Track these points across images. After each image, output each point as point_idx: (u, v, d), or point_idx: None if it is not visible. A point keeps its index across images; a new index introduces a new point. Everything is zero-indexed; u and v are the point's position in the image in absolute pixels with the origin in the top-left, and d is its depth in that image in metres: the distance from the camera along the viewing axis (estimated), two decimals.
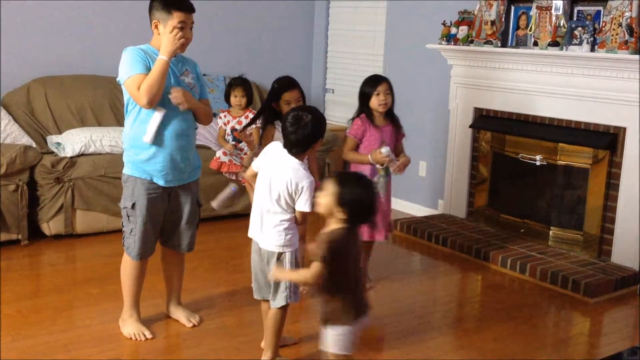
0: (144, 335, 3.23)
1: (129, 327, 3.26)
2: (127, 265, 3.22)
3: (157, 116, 3.04)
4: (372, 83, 3.75)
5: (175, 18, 3.00)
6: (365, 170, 3.66)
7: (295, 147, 2.79)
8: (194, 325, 3.39)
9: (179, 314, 3.44)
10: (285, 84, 3.63)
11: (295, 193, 2.77)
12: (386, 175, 3.77)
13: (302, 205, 2.77)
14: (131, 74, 2.99)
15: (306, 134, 2.76)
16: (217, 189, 5.01)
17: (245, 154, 5.00)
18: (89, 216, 4.64)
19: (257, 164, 2.90)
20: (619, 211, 4.21)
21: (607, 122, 4.23)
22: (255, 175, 2.93)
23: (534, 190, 4.71)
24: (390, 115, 3.79)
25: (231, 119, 5.12)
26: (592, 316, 3.78)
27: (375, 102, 3.70)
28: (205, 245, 4.45)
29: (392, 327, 3.64)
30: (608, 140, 4.20)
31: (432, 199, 5.43)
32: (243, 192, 3.43)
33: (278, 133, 3.59)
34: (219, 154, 4.98)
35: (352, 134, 3.75)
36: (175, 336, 3.32)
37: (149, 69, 2.99)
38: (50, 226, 4.54)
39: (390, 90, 3.74)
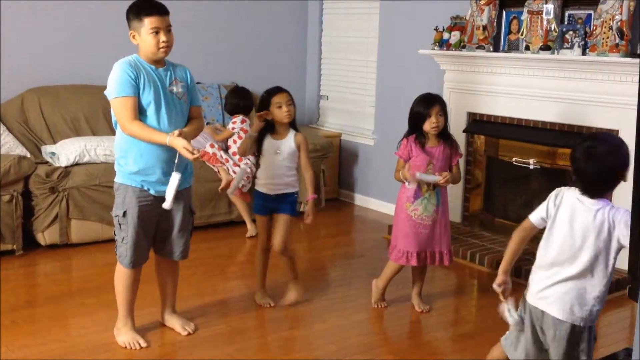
0: (139, 344, 3.23)
1: (124, 335, 3.25)
2: (121, 274, 3.22)
3: (174, 180, 3.01)
4: (425, 104, 3.58)
5: (148, 24, 3.00)
6: (410, 191, 3.61)
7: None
8: (189, 334, 3.38)
9: (174, 322, 3.43)
10: (273, 89, 3.64)
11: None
12: (436, 199, 3.63)
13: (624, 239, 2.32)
14: (119, 95, 3.01)
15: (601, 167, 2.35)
16: (211, 197, 5.07)
17: (233, 162, 5.11)
18: (84, 225, 4.64)
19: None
20: None
21: (599, 125, 4.24)
22: None
23: (528, 194, 4.72)
24: (442, 135, 3.62)
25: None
26: None
27: (427, 125, 3.55)
28: (200, 253, 4.45)
29: (388, 330, 3.65)
30: None
31: None
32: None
33: (270, 142, 3.60)
34: (207, 147, 5.13)
35: (398, 154, 3.67)
36: (170, 344, 3.31)
37: (137, 89, 3.02)
38: (45, 236, 4.54)
39: (442, 112, 3.58)
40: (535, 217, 2.56)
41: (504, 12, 4.75)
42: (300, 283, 3.84)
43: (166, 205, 3.03)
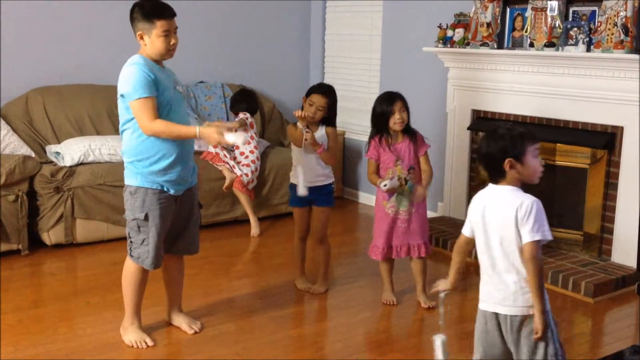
0: (146, 343, 3.23)
1: (131, 334, 3.26)
2: (130, 274, 3.22)
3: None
4: (387, 102, 3.68)
5: (159, 27, 3.01)
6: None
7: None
8: (195, 332, 3.39)
9: (180, 321, 3.44)
10: (317, 88, 3.82)
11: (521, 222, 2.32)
12: (410, 193, 3.72)
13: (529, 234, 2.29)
14: (141, 96, 2.98)
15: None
16: (215, 196, 5.07)
17: (235, 159, 5.12)
18: (89, 225, 4.65)
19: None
20: (618, 210, 4.21)
21: (604, 121, 4.23)
22: None
23: (533, 191, 4.69)
24: (406, 131, 3.73)
25: None
26: (593, 316, 3.78)
27: (391, 121, 3.65)
28: (205, 252, 4.44)
29: (394, 329, 3.65)
30: (606, 140, 4.21)
31: (431, 202, 5.43)
32: None
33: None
34: (210, 147, 5.15)
35: (369, 156, 3.75)
36: (176, 343, 3.32)
37: (155, 89, 3.01)
38: (51, 236, 4.54)
39: (405, 107, 3.68)
40: (465, 229, 2.52)
41: (508, 9, 4.73)
42: (328, 279, 4.04)
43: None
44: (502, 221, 2.34)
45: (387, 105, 3.67)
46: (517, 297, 2.35)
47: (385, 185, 3.63)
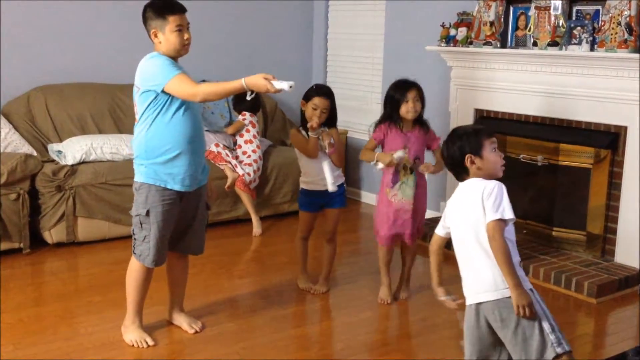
0: (146, 342, 3.23)
1: (131, 334, 3.25)
2: (134, 272, 3.21)
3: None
4: (402, 89, 3.64)
5: (172, 22, 3.03)
6: (388, 177, 3.69)
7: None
8: (196, 332, 3.38)
9: (181, 321, 3.43)
10: (317, 90, 3.78)
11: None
12: (413, 183, 3.70)
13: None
14: (175, 73, 2.98)
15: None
16: (218, 194, 5.03)
17: (238, 158, 5.12)
18: (90, 224, 4.64)
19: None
20: (621, 210, 4.19)
21: (608, 121, 4.21)
22: None
23: (536, 190, 4.69)
24: (418, 120, 3.70)
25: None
26: (596, 316, 3.77)
27: (404, 109, 3.62)
28: (207, 251, 4.39)
29: (396, 328, 3.64)
30: (609, 139, 4.19)
31: (434, 201, 5.42)
32: None
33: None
34: (212, 146, 5.14)
35: (373, 136, 3.73)
36: (177, 343, 3.31)
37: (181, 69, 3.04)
38: (52, 234, 4.54)
39: (419, 96, 3.65)
40: (438, 229, 2.62)
41: (511, 8, 4.72)
42: (330, 279, 4.01)
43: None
44: (471, 208, 2.42)
45: (401, 92, 3.63)
46: (496, 281, 2.38)
47: (397, 155, 3.57)
